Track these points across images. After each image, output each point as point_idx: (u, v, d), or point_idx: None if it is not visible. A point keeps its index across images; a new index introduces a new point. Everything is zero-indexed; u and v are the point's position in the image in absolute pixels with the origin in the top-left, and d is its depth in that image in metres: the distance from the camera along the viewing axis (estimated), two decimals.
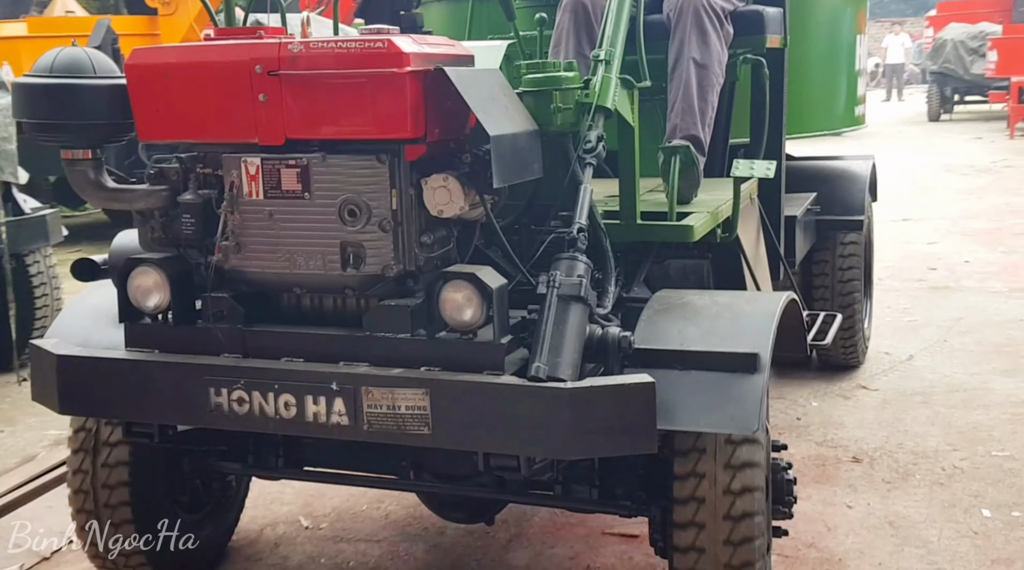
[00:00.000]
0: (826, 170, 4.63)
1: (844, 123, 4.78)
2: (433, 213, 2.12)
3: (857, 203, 4.48)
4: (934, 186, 10.20)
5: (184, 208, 2.25)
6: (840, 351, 4.58)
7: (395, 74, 2.01)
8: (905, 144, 7.29)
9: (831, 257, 4.49)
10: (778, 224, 3.75)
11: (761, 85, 3.49)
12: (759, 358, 2.10)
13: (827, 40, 4.49)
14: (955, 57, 18.02)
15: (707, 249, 2.96)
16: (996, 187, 10.36)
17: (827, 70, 4.54)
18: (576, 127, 2.36)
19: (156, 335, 2.30)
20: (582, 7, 3.07)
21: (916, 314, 5.56)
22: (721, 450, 2.18)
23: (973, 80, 17.96)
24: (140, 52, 2.23)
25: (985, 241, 7.53)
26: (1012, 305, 5.63)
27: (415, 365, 2.08)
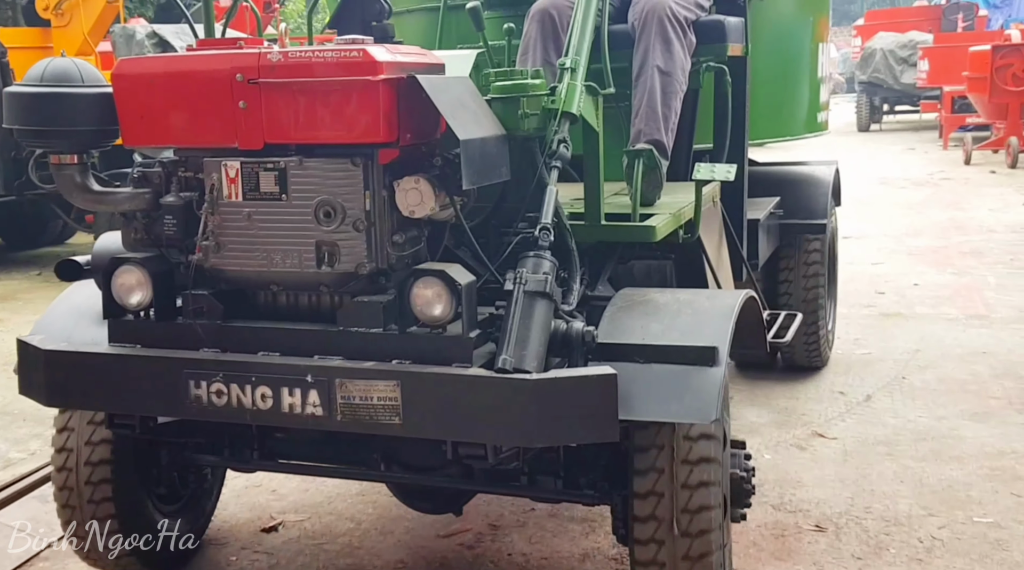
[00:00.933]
0: (790, 175, 4.68)
1: (807, 129, 4.82)
2: (405, 214, 2.18)
3: (820, 207, 4.52)
4: (872, 200, 9.66)
5: (166, 210, 2.30)
6: (804, 351, 4.65)
7: (369, 82, 2.06)
8: (837, 156, 6.61)
9: (795, 259, 4.54)
10: (741, 227, 3.82)
11: (724, 92, 3.55)
12: (717, 351, 2.16)
13: (789, 48, 4.54)
14: (885, 66, 17.66)
15: (670, 250, 3.03)
16: (936, 201, 10.03)
17: (789, 77, 4.58)
18: (543, 132, 2.42)
19: (138, 331, 2.34)
20: (548, 17, 3.13)
21: (869, 346, 5.06)
22: (679, 446, 2.22)
23: (903, 90, 17.67)
24: (126, 63, 2.29)
25: (933, 261, 7.10)
26: (971, 335, 5.15)
27: (387, 358, 2.13)
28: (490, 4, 3.70)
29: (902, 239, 7.94)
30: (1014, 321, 5.33)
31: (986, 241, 7.68)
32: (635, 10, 3.18)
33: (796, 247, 4.53)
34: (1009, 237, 7.78)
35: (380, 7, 3.44)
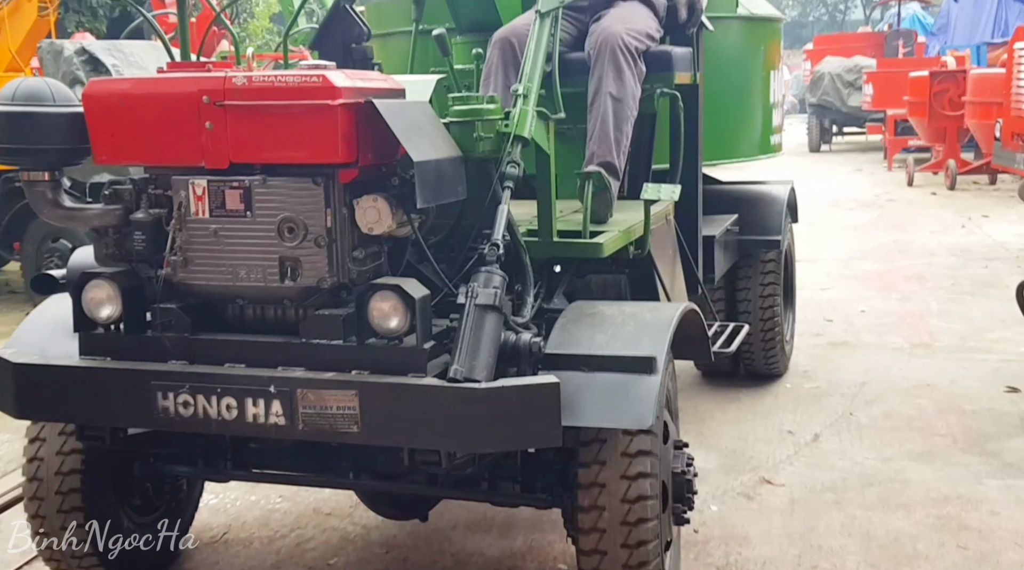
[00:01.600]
0: (747, 193, 4.76)
1: (761, 151, 4.88)
2: (364, 230, 2.21)
3: (775, 224, 4.60)
4: (822, 222, 9.55)
5: (136, 226, 2.32)
6: (763, 360, 4.72)
7: (328, 106, 2.10)
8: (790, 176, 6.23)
9: (753, 274, 4.61)
10: (696, 243, 3.88)
11: (677, 116, 3.62)
12: (655, 361, 2.22)
13: (742, 75, 4.61)
14: (832, 90, 17.52)
15: (624, 265, 3.08)
16: (882, 223, 9.89)
17: (742, 102, 4.65)
18: (497, 154, 2.47)
19: (108, 344, 2.35)
20: (509, 44, 3.19)
21: (818, 379, 4.82)
22: (619, 462, 2.26)
23: (851, 112, 17.52)
24: (97, 83, 2.31)
25: (878, 286, 6.95)
26: (916, 365, 4.98)
27: (346, 369, 2.17)
28: (460, 30, 3.76)
29: (849, 263, 7.78)
30: (955, 350, 5.22)
31: (928, 265, 7.58)
32: (591, 40, 3.24)
33: (753, 262, 4.60)
34: (949, 261, 7.71)
35: (360, 30, 3.49)
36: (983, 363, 4.95)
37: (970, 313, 6.00)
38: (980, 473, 3.61)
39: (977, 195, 11.72)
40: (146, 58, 5.56)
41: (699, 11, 3.49)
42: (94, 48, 5.18)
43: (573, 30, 3.44)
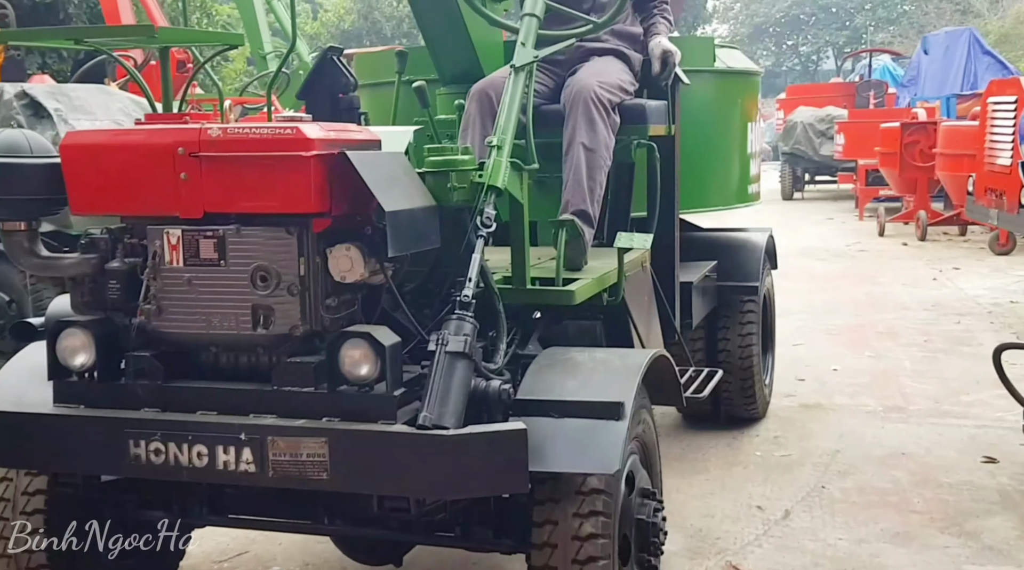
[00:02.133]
0: (726, 240, 4.76)
1: (738, 200, 4.89)
2: (337, 279, 2.18)
3: (753, 271, 4.60)
4: (794, 273, 8.87)
5: (111, 274, 2.28)
6: (742, 404, 4.69)
7: (301, 157, 2.08)
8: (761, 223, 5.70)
9: (731, 319, 4.59)
10: (673, 290, 3.86)
11: (653, 166, 3.62)
12: (622, 406, 2.19)
13: (719, 126, 4.63)
14: (805, 139, 17.29)
15: (599, 311, 3.05)
16: (853, 274, 9.53)
17: (720, 153, 4.67)
18: (471, 203, 2.45)
19: (82, 391, 2.31)
20: (487, 97, 3.19)
21: (789, 446, 4.50)
22: (572, 499, 2.21)
23: (823, 161, 17.32)
24: (75, 135, 2.29)
25: (851, 342, 6.62)
26: (890, 431, 4.67)
27: (317, 416, 2.13)
28: (444, 81, 3.77)
29: (821, 317, 7.43)
30: (930, 414, 4.91)
31: (901, 319, 7.28)
32: (566, 93, 3.25)
33: (732, 307, 4.58)
34: (921, 315, 7.40)
35: (346, 80, 3.49)
36: (959, 429, 4.68)
37: (944, 373, 5.70)
38: (959, 557, 3.32)
39: (948, 246, 11.51)
40: (93, 102, 5.31)
41: (672, 65, 3.50)
42: (35, 92, 5.00)
43: (550, 83, 3.45)
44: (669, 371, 2.69)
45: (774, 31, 48.10)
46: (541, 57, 2.84)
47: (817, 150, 17.10)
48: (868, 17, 43.68)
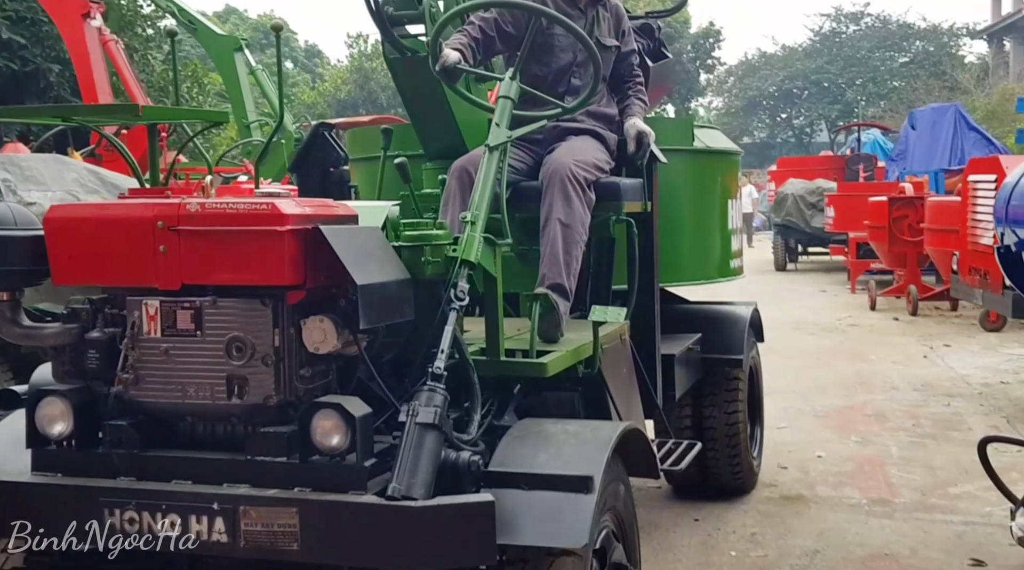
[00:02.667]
0: (711, 313, 4.80)
1: (720, 274, 4.93)
2: (311, 350, 2.22)
3: (737, 344, 4.61)
4: (783, 348, 8.61)
5: (91, 344, 2.32)
6: (730, 475, 4.70)
7: (276, 231, 2.15)
8: (755, 295, 5.66)
9: (717, 391, 4.60)
10: (653, 362, 3.89)
11: (632, 242, 3.68)
12: (591, 480, 2.21)
13: (699, 203, 4.70)
14: (796, 211, 17.17)
15: (577, 383, 3.09)
16: (843, 351, 9.25)
17: (700, 229, 4.73)
18: (445, 276, 2.51)
19: (60, 460, 2.33)
20: (466, 173, 3.26)
21: (766, 546, 4.22)
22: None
23: (814, 233, 17.14)
24: (58, 208, 2.36)
25: (837, 425, 6.34)
26: (873, 528, 4.41)
27: (289, 486, 2.15)
28: (429, 156, 3.87)
29: (809, 397, 7.13)
30: (916, 508, 4.65)
31: (889, 401, 7.01)
32: (543, 171, 3.34)
33: (717, 380, 4.60)
34: (911, 397, 7.15)
35: (337, 154, 3.59)
36: (946, 526, 4.43)
37: (932, 461, 5.43)
38: None
39: (939, 321, 11.24)
40: (46, 173, 5.20)
41: (646, 145, 3.59)
42: None
43: (529, 160, 3.54)
44: (642, 443, 2.72)
45: (768, 104, 48.88)
46: (514, 137, 2.92)
47: (808, 222, 16.98)
48: (859, 92, 44.48)
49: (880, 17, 44.52)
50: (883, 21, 44.34)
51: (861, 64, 43.72)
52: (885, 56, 43.96)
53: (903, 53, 43.84)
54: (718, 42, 45.23)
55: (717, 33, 44.88)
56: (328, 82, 38.93)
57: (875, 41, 43.68)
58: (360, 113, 30.74)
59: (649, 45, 4.33)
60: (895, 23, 44.04)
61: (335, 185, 3.60)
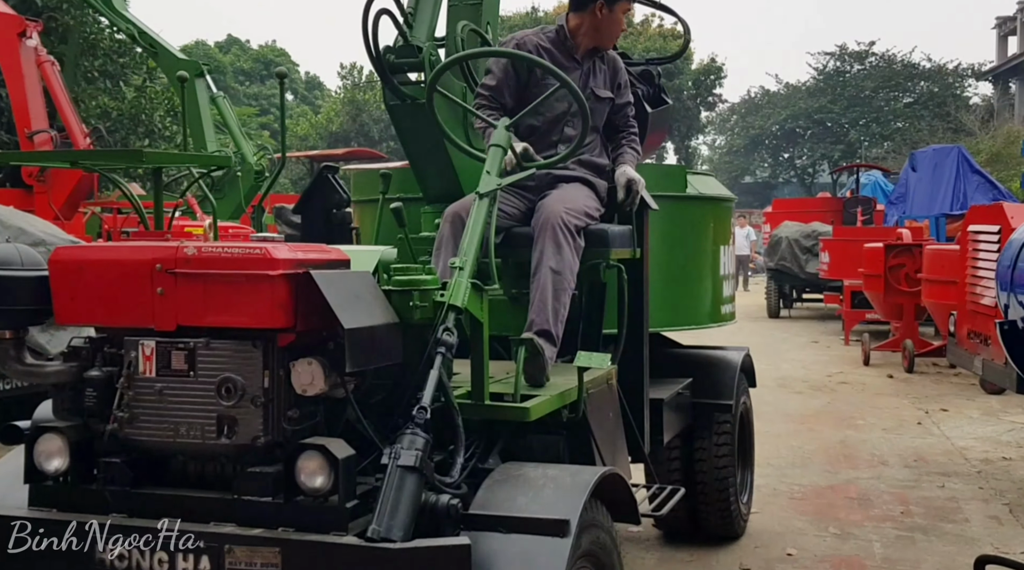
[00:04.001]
0: (702, 357, 4.83)
1: (711, 320, 4.97)
2: (298, 391, 2.30)
3: (727, 389, 4.65)
4: (766, 410, 7.88)
5: (88, 382, 2.40)
6: (719, 521, 4.73)
7: (268, 275, 2.23)
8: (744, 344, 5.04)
9: (707, 437, 4.62)
10: (641, 406, 3.95)
11: (621, 288, 3.76)
12: (568, 524, 2.28)
13: (690, 249, 4.78)
14: (790, 255, 16.48)
15: (562, 427, 3.15)
16: (831, 414, 8.44)
17: (691, 274, 4.79)
18: (433, 321, 2.59)
19: (56, 495, 2.40)
20: (459, 218, 3.36)
21: None
22: None
23: (808, 278, 16.38)
24: (63, 250, 2.45)
25: (815, 511, 5.51)
26: None
27: (274, 526, 2.22)
28: (428, 200, 3.97)
29: (787, 473, 6.34)
30: None
31: (876, 480, 6.22)
32: (536, 217, 3.43)
33: (707, 425, 4.62)
34: (901, 475, 6.35)
35: (340, 197, 3.70)
36: None
37: (920, 564, 4.66)
38: None
39: (936, 380, 10.40)
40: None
41: (636, 193, 3.68)
42: None
43: (522, 205, 3.63)
44: (623, 488, 2.78)
45: (770, 143, 49.15)
46: (503, 185, 3.02)
47: (803, 267, 16.37)
48: (863, 132, 44.70)
49: (885, 56, 44.77)
50: (888, 60, 44.58)
51: (865, 104, 43.99)
52: (889, 96, 44.21)
53: (907, 93, 44.08)
54: (720, 79, 45.42)
55: (719, 70, 45.05)
56: (320, 114, 39.15)
57: (879, 81, 43.90)
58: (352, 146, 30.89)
59: (648, 91, 4.44)
60: (900, 63, 44.29)
61: (337, 227, 3.70)
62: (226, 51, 52.73)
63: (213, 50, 50.72)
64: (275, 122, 43.46)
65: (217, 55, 50.24)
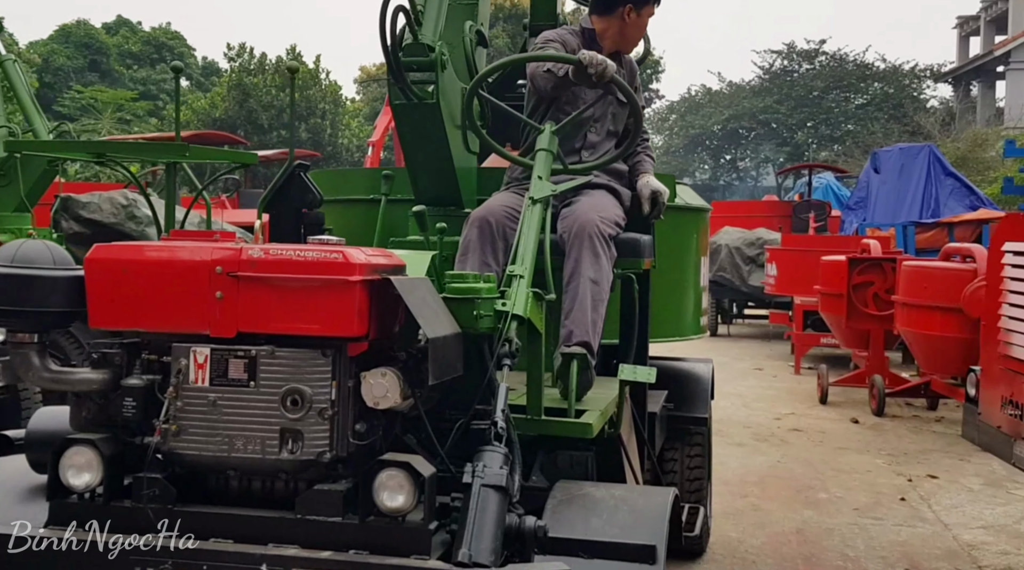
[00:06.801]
0: (674, 370, 5.11)
1: (692, 331, 5.27)
2: (369, 404, 2.37)
3: (702, 402, 4.98)
4: None
5: (126, 391, 2.42)
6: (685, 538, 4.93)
7: (347, 281, 2.30)
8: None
9: (680, 451, 4.91)
10: (643, 419, 4.13)
11: (632, 299, 3.92)
12: (656, 550, 2.40)
13: (680, 260, 5.03)
14: (731, 265, 15.53)
15: (591, 442, 3.28)
16: (781, 481, 6.76)
17: (681, 287, 5.07)
18: (492, 332, 2.69)
19: (84, 513, 2.41)
20: (487, 223, 3.48)
21: None
22: None
23: (751, 292, 15.42)
24: (101, 248, 2.47)
25: None
26: None
27: (344, 548, 2.27)
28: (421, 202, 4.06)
29: None
30: None
31: None
32: (564, 224, 3.56)
33: (681, 437, 4.91)
34: None
35: (313, 196, 3.75)
36: None
37: None
38: None
39: (915, 429, 8.81)
40: None
41: (661, 205, 3.86)
42: None
43: None
44: (677, 511, 2.92)
45: (711, 143, 50.19)
46: (558, 191, 3.15)
47: (745, 279, 15.44)
48: (810, 134, 45.95)
49: (836, 56, 46.12)
50: (839, 60, 45.95)
51: (813, 105, 45.25)
52: (840, 97, 45.55)
53: (860, 95, 45.43)
54: (656, 73, 46.11)
55: (656, 63, 45.79)
56: (205, 100, 38.50)
57: (830, 81, 45.18)
58: (238, 134, 30.52)
59: None
60: (852, 63, 45.65)
61: (310, 228, 3.78)
62: (113, 32, 51.60)
63: (97, 31, 49.60)
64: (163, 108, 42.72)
65: (101, 36, 49.15)
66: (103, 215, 6.58)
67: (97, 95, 38.90)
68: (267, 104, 36.49)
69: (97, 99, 38.29)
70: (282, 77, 36.22)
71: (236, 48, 39.44)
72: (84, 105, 37.72)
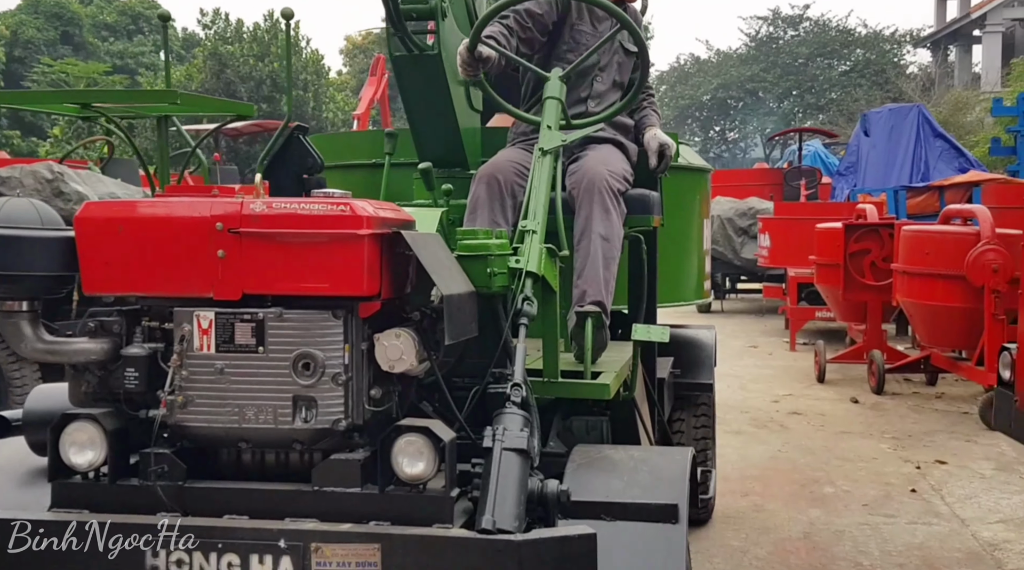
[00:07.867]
0: (680, 337, 5.00)
1: (696, 296, 5.19)
2: (384, 368, 2.23)
3: (707, 369, 4.93)
4: None
5: (128, 362, 2.26)
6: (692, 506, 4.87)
7: (355, 235, 2.15)
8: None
9: (687, 417, 4.86)
10: (654, 385, 4.02)
11: (640, 259, 3.79)
12: (678, 508, 2.30)
13: (685, 221, 4.91)
14: (723, 237, 14.71)
15: (606, 406, 3.17)
16: (784, 474, 6.36)
17: (685, 249, 4.95)
18: (506, 290, 2.56)
19: (89, 494, 2.27)
20: (495, 181, 3.33)
21: None
22: None
23: (745, 265, 14.74)
24: (92, 206, 2.30)
25: None
26: None
27: (364, 519, 2.14)
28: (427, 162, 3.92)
29: None
30: None
31: None
32: (573, 180, 3.41)
33: (687, 405, 4.86)
34: None
35: (313, 160, 3.61)
36: None
37: None
38: None
39: (916, 407, 8.45)
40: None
41: (668, 158, 3.72)
42: None
43: None
44: (694, 471, 2.81)
45: (700, 114, 50.06)
46: (568, 142, 3.00)
47: (738, 252, 14.85)
48: (796, 103, 45.91)
49: (819, 22, 46.02)
50: (822, 26, 45.86)
51: (799, 73, 45.18)
52: (824, 64, 45.54)
53: (843, 61, 45.42)
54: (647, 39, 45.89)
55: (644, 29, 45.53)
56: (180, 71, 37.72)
57: (814, 47, 45.15)
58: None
59: None
60: (835, 28, 45.58)
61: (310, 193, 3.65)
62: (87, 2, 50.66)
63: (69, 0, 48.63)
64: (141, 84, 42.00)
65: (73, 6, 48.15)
66: (25, 191, 6.03)
67: (68, 69, 37.79)
68: (245, 75, 35.26)
69: (68, 74, 37.39)
70: (260, 45, 35.15)
71: (210, 14, 38.45)
72: (54, 80, 36.91)
